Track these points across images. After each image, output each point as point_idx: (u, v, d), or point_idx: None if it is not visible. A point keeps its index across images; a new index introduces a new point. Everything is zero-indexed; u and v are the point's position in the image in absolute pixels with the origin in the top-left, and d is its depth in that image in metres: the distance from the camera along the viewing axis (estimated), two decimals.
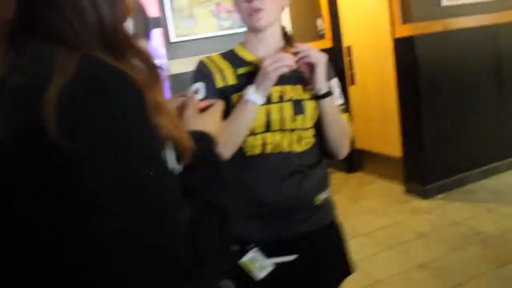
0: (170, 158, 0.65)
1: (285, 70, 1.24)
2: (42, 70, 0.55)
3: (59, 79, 0.52)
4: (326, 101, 1.32)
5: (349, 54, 4.40)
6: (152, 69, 0.64)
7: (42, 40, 0.59)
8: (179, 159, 0.69)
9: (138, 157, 0.56)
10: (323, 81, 1.31)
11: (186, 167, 0.72)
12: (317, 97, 1.32)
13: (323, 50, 1.36)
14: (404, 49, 3.54)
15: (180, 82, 2.43)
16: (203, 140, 0.82)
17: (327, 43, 4.46)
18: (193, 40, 2.73)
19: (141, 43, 0.65)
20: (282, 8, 1.38)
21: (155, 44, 2.45)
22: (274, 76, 1.23)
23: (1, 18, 0.59)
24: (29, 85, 0.54)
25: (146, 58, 0.64)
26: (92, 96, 0.54)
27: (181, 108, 0.90)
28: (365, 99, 4.31)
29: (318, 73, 1.29)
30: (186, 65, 2.01)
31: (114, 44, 0.61)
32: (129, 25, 0.67)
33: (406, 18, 3.47)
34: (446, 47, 3.49)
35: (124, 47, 0.62)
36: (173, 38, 2.69)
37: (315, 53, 1.29)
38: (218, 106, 0.97)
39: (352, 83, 4.43)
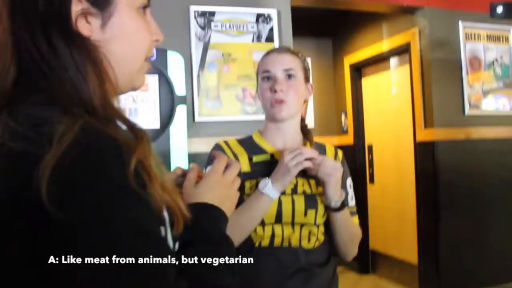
0: (168, 235, 0.63)
1: (306, 165, 1.22)
2: (41, 136, 0.54)
3: (57, 147, 0.52)
4: (338, 214, 1.29)
5: (370, 153, 4.41)
6: (135, 132, 0.63)
7: (33, 104, 0.59)
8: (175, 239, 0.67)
9: (131, 233, 0.53)
10: (335, 194, 1.27)
11: (186, 242, 0.69)
12: (329, 209, 1.29)
13: (345, 147, 1.35)
14: (425, 153, 3.53)
15: (198, 161, 2.44)
16: (208, 213, 0.78)
17: (349, 139, 4.49)
18: (216, 122, 2.78)
19: (122, 110, 0.66)
20: (304, 101, 1.40)
21: (179, 120, 2.49)
22: (295, 172, 1.21)
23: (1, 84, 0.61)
24: (27, 151, 0.53)
25: (130, 124, 0.63)
26: (87, 168, 0.53)
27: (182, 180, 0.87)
28: (383, 199, 4.25)
29: (329, 188, 1.25)
30: (207, 145, 2.01)
31: (97, 113, 0.61)
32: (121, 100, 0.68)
33: (429, 123, 3.50)
34: (468, 156, 3.47)
35: (107, 115, 0.62)
36: (197, 117, 2.74)
37: (329, 164, 1.25)
38: (235, 167, 0.88)
39: (371, 181, 4.39)
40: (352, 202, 1.40)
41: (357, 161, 4.38)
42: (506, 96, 3.67)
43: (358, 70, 4.65)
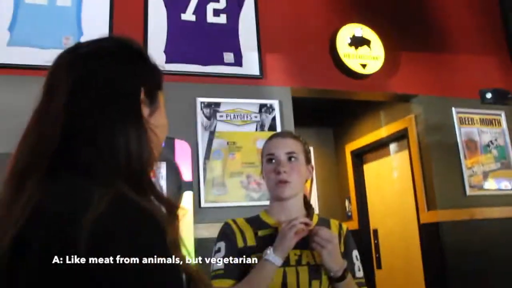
0: None
1: (300, 227, 1.29)
2: (79, 202, 0.62)
3: (93, 212, 0.59)
4: (340, 284, 1.33)
5: (376, 237, 4.40)
6: (171, 210, 0.71)
7: (77, 173, 0.68)
8: None
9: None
10: (333, 265, 1.31)
11: None
12: (331, 279, 1.33)
13: (351, 232, 1.41)
14: (430, 235, 3.54)
15: (204, 247, 2.47)
16: None
17: (354, 224, 4.51)
18: (222, 207, 2.84)
19: (160, 186, 0.74)
20: (306, 181, 1.49)
21: (185, 206, 2.56)
22: (291, 235, 1.28)
23: (43, 152, 0.69)
24: (66, 213, 0.61)
25: (165, 200, 0.72)
26: (121, 232, 0.60)
27: None
28: (391, 284, 4.18)
29: (325, 258, 1.30)
30: (213, 230, 2.07)
31: (139, 184, 0.69)
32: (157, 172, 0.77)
33: (431, 205, 3.55)
34: (473, 236, 3.47)
35: (147, 188, 0.71)
36: (203, 203, 2.82)
37: (322, 235, 1.31)
38: None
39: (378, 266, 4.35)
40: (359, 273, 1.44)
41: (363, 246, 4.37)
42: (506, 177, 3.74)
43: (360, 157, 4.78)
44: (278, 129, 3.10)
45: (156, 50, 2.99)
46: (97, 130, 0.71)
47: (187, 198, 2.58)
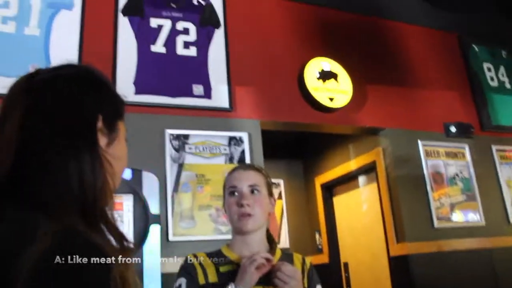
0: None
1: (261, 261, 1.28)
2: (23, 236, 0.59)
3: (37, 247, 0.57)
4: None
5: (346, 270, 4.39)
6: (122, 242, 0.68)
7: (26, 203, 0.65)
8: None
9: None
10: None
11: None
12: None
13: (321, 266, 1.40)
14: (400, 267, 3.55)
15: (172, 282, 2.40)
16: None
17: (324, 258, 4.49)
18: (190, 241, 2.79)
19: (113, 217, 0.72)
20: (268, 214, 1.48)
21: (152, 240, 2.51)
22: (252, 270, 1.26)
23: None
24: (7, 248, 0.58)
25: (117, 232, 0.70)
26: (63, 268, 0.57)
27: None
28: None
29: None
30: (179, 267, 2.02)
31: (91, 215, 0.67)
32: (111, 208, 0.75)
33: (400, 237, 3.57)
34: (441, 268, 3.49)
35: (100, 219, 0.68)
36: (171, 237, 2.76)
37: (285, 270, 1.29)
38: None
39: None
40: None
41: (334, 279, 4.34)
42: (472, 209, 3.81)
43: (329, 190, 4.81)
44: (248, 162, 3.10)
45: (126, 81, 2.98)
46: (48, 157, 0.69)
47: (154, 232, 2.53)
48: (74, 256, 0.59)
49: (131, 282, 0.64)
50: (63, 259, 0.57)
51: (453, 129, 3.94)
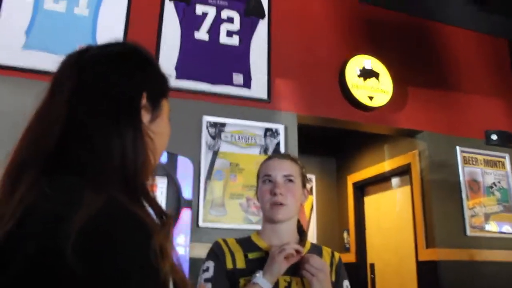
0: None
1: (290, 252, 1.28)
2: (71, 202, 0.62)
3: (84, 213, 0.59)
4: None
5: (372, 271, 4.35)
6: (162, 218, 0.70)
7: (72, 173, 0.68)
8: None
9: None
10: None
11: None
12: None
13: (347, 265, 1.39)
14: (427, 272, 3.50)
15: (199, 266, 2.44)
16: None
17: (351, 257, 4.46)
18: (219, 228, 2.82)
19: (153, 193, 0.74)
20: (301, 205, 1.48)
21: (183, 224, 2.55)
22: (281, 259, 1.27)
23: (40, 149, 0.69)
24: (57, 213, 0.61)
25: (157, 207, 0.71)
26: (109, 234, 0.60)
27: None
28: None
29: (315, 285, 1.28)
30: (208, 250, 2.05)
31: (132, 188, 0.69)
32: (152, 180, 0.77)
33: (430, 243, 3.51)
34: (471, 277, 3.43)
35: (140, 193, 0.70)
36: (201, 223, 2.80)
37: (314, 263, 1.30)
38: None
39: None
40: None
41: (359, 280, 4.31)
42: (507, 220, 3.71)
43: (361, 189, 4.76)
44: None
45: (168, 65, 3.02)
46: (93, 131, 0.71)
47: (185, 216, 2.57)
48: (117, 224, 0.61)
49: (170, 253, 0.66)
50: (106, 226, 0.60)
51: (494, 137, 3.83)
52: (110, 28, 2.97)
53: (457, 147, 3.73)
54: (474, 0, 4.19)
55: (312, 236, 4.63)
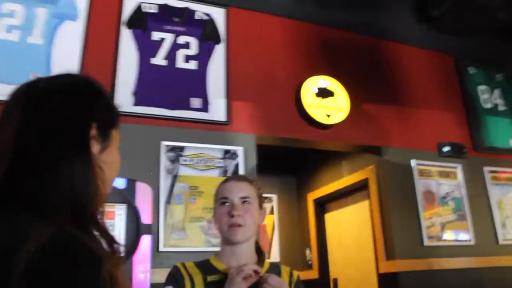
0: None
1: (248, 272, 1.31)
2: (19, 234, 0.63)
3: (31, 245, 0.61)
4: None
5: (335, 287, 4.40)
6: (112, 245, 0.73)
7: (20, 204, 0.69)
8: None
9: None
10: None
11: None
12: None
13: (310, 281, 1.43)
14: (389, 284, 3.57)
15: None
16: None
17: (314, 274, 4.51)
18: (180, 252, 2.82)
19: (104, 222, 0.76)
20: (258, 226, 1.52)
21: (143, 250, 2.53)
22: (238, 280, 1.29)
23: None
24: (4, 246, 0.62)
25: (108, 236, 0.74)
26: (57, 264, 0.62)
27: None
28: None
29: None
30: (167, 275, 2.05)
31: (82, 219, 0.71)
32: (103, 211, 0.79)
33: (390, 255, 3.60)
34: (431, 286, 3.52)
35: (90, 223, 0.72)
36: (161, 247, 2.79)
37: (272, 282, 1.32)
38: None
39: None
40: None
41: None
42: (462, 228, 3.84)
43: (322, 206, 4.84)
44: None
45: (125, 91, 3.03)
46: (42, 162, 0.72)
47: (145, 242, 2.56)
48: (66, 255, 0.63)
49: (121, 282, 0.68)
50: (55, 257, 0.62)
51: (446, 149, 3.99)
52: (65, 56, 2.97)
53: (412, 160, 3.86)
54: (425, 20, 4.39)
55: (275, 255, 4.66)
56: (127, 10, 3.28)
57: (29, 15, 2.99)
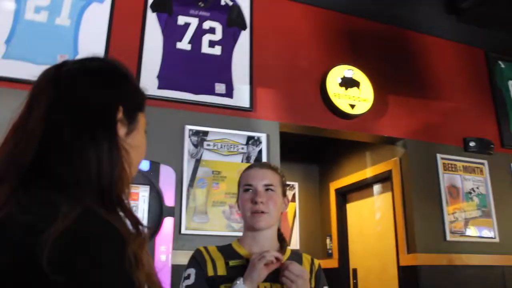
0: None
1: (270, 259, 1.31)
2: (47, 214, 0.64)
3: (59, 225, 0.61)
4: None
5: (355, 277, 4.39)
6: (137, 227, 0.73)
7: (48, 186, 0.70)
8: None
9: None
10: None
11: None
12: None
13: (330, 270, 1.42)
14: (409, 277, 3.55)
15: (181, 273, 2.45)
16: None
17: (334, 262, 4.50)
18: (202, 235, 2.84)
19: (129, 203, 0.76)
20: (281, 213, 1.52)
21: (165, 232, 2.56)
22: (260, 266, 1.29)
23: (17, 162, 0.71)
24: (33, 224, 0.63)
25: (133, 217, 0.74)
26: (84, 244, 0.62)
27: None
28: None
29: None
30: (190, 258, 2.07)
31: (108, 200, 0.72)
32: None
33: (411, 248, 3.56)
34: (451, 281, 3.48)
35: (116, 204, 0.73)
36: (183, 230, 2.81)
37: (293, 269, 1.32)
38: None
39: None
40: None
41: (342, 285, 4.35)
42: (486, 225, 3.78)
43: (343, 196, 4.81)
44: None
45: (150, 75, 3.04)
46: (70, 144, 0.73)
47: (167, 224, 2.58)
48: (92, 235, 0.63)
49: (145, 261, 0.68)
50: (81, 237, 0.62)
51: (472, 144, 3.91)
52: (92, 38, 2.98)
53: (437, 154, 3.80)
54: (454, 11, 4.29)
55: (295, 243, 4.67)
56: None
57: None
